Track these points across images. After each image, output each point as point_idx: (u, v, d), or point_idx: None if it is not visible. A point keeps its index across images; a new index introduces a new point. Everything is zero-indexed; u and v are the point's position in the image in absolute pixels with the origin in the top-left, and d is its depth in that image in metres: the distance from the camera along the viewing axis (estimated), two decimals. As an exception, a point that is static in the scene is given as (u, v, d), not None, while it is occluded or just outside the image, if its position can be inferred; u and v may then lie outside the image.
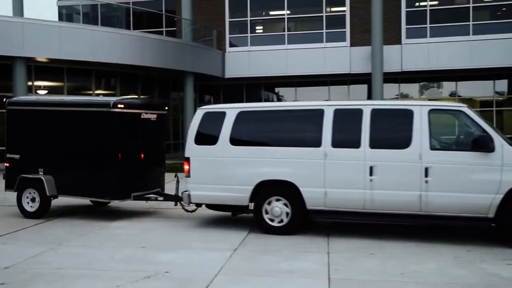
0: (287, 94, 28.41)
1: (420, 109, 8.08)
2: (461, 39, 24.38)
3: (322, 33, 26.19)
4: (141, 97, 24.36)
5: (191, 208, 9.80)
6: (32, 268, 6.71)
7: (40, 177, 10.10)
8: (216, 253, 7.40)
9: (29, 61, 19.65)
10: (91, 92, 23.08)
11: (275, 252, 7.48)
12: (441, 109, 8.58)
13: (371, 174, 8.05)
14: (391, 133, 8.31)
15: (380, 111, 8.34)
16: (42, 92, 21.67)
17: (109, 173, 9.79)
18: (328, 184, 8.26)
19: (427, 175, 7.83)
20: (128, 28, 28.18)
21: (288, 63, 25.76)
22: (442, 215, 7.88)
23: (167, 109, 13.59)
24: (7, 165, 10.60)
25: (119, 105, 9.80)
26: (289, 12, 26.87)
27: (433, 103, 8.76)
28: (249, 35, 27.04)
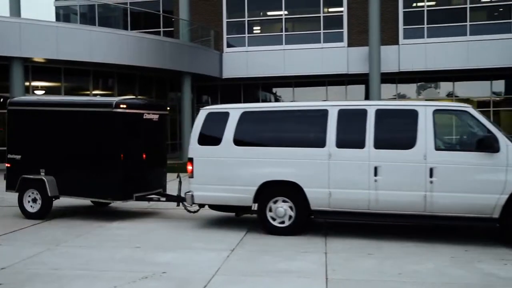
0: (285, 94, 28.37)
1: (424, 110, 8.08)
2: (458, 40, 24.43)
3: (319, 33, 26.19)
4: (140, 97, 24.27)
5: (194, 208, 9.77)
6: (29, 268, 6.69)
7: (41, 178, 10.05)
8: (213, 253, 7.39)
9: (26, 61, 19.55)
10: (88, 92, 23.01)
11: (273, 252, 7.47)
12: (446, 109, 8.61)
13: (376, 174, 8.05)
14: (396, 134, 8.29)
15: (384, 111, 8.33)
16: (39, 92, 21.57)
17: (111, 173, 9.74)
18: (332, 184, 8.25)
19: (432, 176, 7.83)
20: (125, 28, 28.07)
21: (285, 63, 25.73)
22: (446, 215, 7.88)
23: (168, 109, 13.54)
24: (8, 165, 10.54)
25: (122, 105, 9.75)
26: (286, 12, 26.85)
27: (437, 103, 8.74)
28: (246, 35, 27.01)
